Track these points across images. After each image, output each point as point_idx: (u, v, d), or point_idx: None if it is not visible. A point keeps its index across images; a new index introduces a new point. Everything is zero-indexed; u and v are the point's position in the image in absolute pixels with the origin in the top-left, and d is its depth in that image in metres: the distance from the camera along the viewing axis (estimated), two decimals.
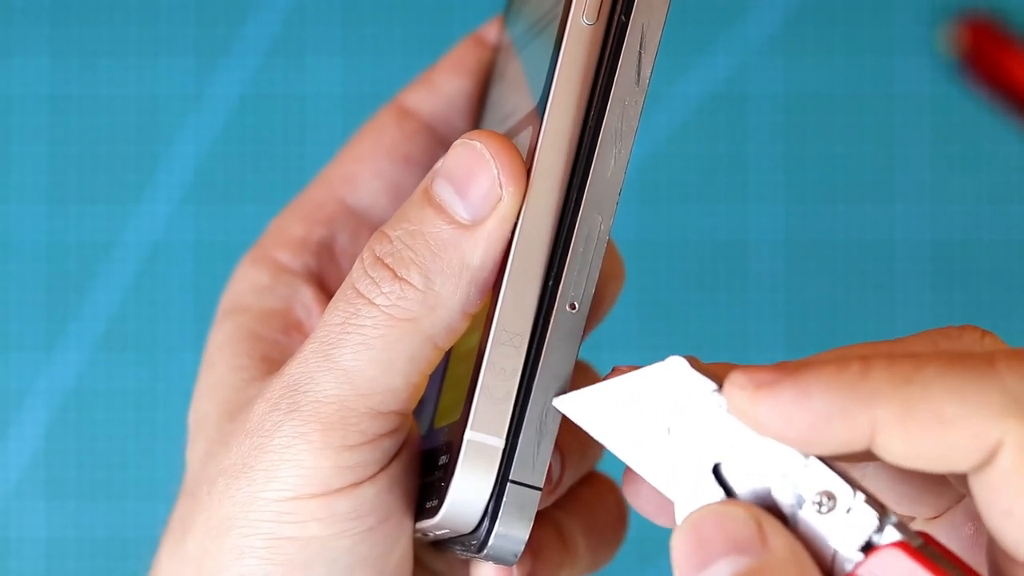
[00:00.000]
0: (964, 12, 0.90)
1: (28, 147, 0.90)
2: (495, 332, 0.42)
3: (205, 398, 0.49)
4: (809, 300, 0.90)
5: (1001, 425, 0.37)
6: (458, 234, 0.43)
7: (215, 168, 0.90)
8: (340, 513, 0.43)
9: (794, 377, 0.38)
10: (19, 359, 0.89)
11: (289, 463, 0.43)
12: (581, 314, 0.43)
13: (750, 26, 0.91)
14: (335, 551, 0.44)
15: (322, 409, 0.43)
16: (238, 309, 0.50)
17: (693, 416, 0.40)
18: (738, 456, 0.40)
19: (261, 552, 0.44)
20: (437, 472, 0.44)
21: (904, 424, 0.38)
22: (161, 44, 0.90)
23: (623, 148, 0.43)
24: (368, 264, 0.44)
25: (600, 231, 0.43)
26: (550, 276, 0.43)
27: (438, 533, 0.44)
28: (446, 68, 0.53)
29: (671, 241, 0.90)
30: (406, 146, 0.52)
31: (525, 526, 0.43)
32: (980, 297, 0.90)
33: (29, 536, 0.88)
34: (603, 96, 0.43)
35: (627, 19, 0.43)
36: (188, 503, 0.46)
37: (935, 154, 0.90)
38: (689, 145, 0.90)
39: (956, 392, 0.38)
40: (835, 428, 0.38)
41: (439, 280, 0.43)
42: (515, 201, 0.43)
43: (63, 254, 0.89)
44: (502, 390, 0.43)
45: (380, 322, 0.43)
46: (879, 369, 0.38)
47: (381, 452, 0.44)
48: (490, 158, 0.43)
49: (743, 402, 0.39)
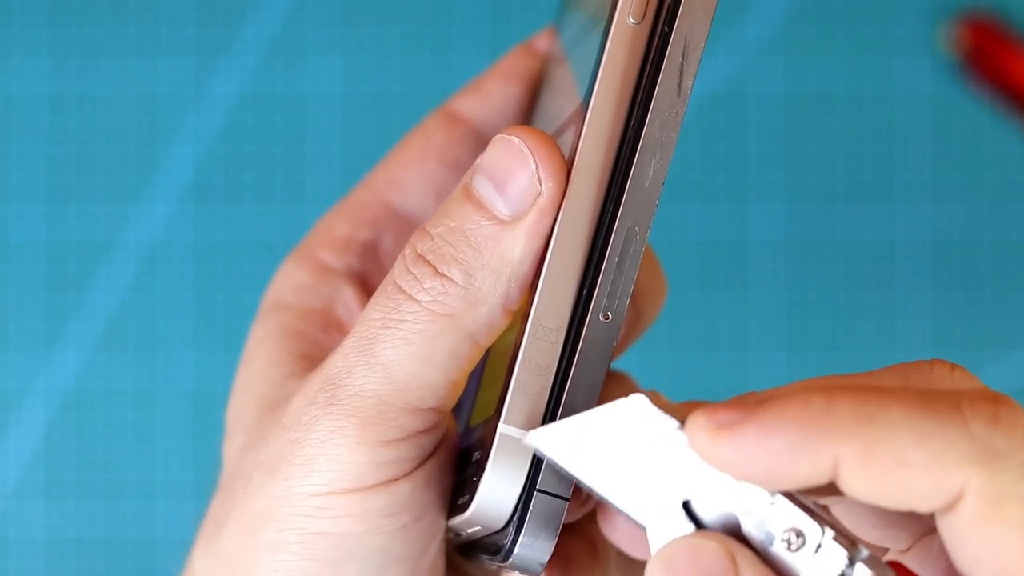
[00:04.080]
0: (965, 12, 0.90)
1: (28, 147, 0.90)
2: (531, 327, 0.42)
3: (243, 393, 0.48)
4: (809, 300, 0.90)
5: (963, 472, 0.37)
6: (498, 230, 0.43)
7: (215, 168, 0.90)
8: (374, 510, 0.43)
9: (756, 416, 0.38)
10: (18, 359, 0.89)
11: (325, 457, 0.43)
12: (615, 325, 0.43)
13: (750, 26, 0.91)
14: (368, 548, 0.44)
15: (360, 404, 0.43)
16: (279, 307, 0.50)
17: (659, 453, 0.40)
18: (705, 493, 0.40)
19: (296, 547, 0.44)
20: (470, 468, 0.44)
21: (865, 463, 0.38)
22: (161, 44, 0.90)
23: (662, 159, 0.43)
24: (410, 260, 0.44)
25: (636, 241, 0.43)
26: (584, 285, 0.43)
27: (469, 531, 0.44)
28: (496, 75, 0.52)
29: (671, 241, 0.89)
30: (454, 151, 0.51)
31: (551, 535, 0.43)
32: (980, 297, 0.90)
33: (29, 536, 0.88)
34: (644, 103, 0.42)
35: (670, 29, 0.42)
36: (224, 498, 0.46)
37: (935, 154, 0.90)
38: (689, 145, 0.90)
39: (919, 435, 0.37)
40: (798, 465, 0.38)
41: (480, 276, 0.43)
42: (554, 196, 0.43)
43: (63, 254, 0.89)
44: (537, 385, 0.42)
45: (420, 318, 0.43)
46: (843, 405, 0.38)
47: (418, 449, 0.44)
48: (528, 153, 0.43)
49: (705, 444, 0.39)
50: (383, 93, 0.90)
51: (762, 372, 0.89)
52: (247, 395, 0.48)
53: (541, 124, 0.49)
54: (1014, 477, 0.37)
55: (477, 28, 0.90)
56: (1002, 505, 0.37)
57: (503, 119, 0.52)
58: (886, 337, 0.89)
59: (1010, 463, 0.37)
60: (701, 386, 0.89)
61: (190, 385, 0.89)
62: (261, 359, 0.49)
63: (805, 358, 0.89)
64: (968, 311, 0.89)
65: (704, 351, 0.89)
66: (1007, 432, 0.38)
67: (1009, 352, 0.90)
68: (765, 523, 0.39)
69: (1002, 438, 0.38)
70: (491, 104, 0.52)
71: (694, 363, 0.89)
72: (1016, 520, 0.37)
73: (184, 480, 0.88)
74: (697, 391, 0.89)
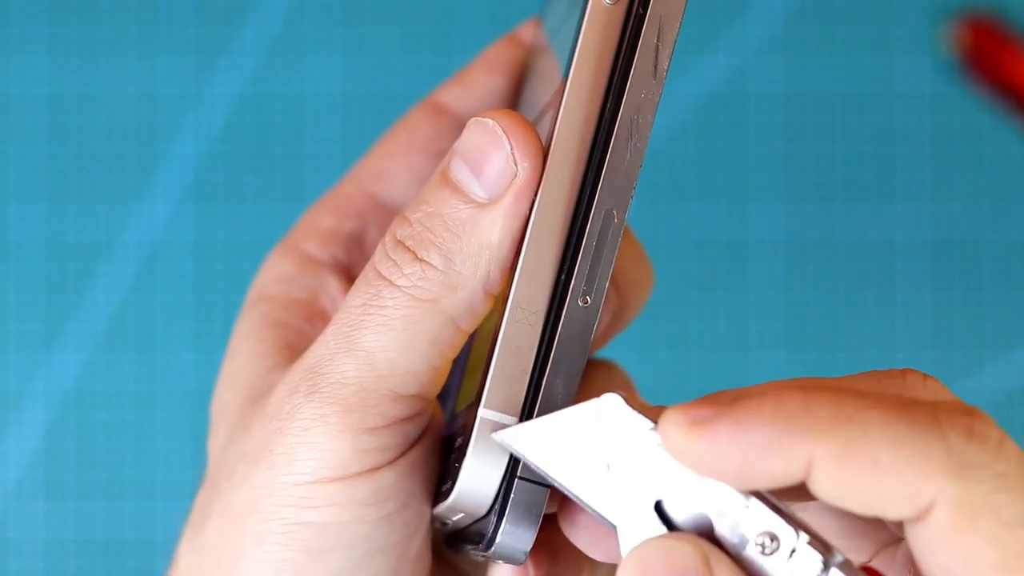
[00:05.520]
0: (965, 12, 0.90)
1: (27, 147, 0.90)
2: (510, 309, 0.42)
3: (227, 387, 0.48)
4: (809, 300, 0.90)
5: (938, 481, 0.37)
6: (475, 213, 0.43)
7: (215, 168, 0.90)
8: (358, 498, 0.43)
9: (731, 412, 0.38)
10: (18, 359, 0.89)
11: (308, 446, 0.43)
12: (593, 309, 0.43)
13: (750, 26, 0.91)
14: (353, 537, 0.43)
15: (341, 391, 0.43)
16: (263, 298, 0.50)
17: (632, 454, 0.40)
18: (678, 494, 0.39)
19: (280, 538, 0.44)
20: (453, 455, 0.44)
21: (840, 464, 0.37)
22: (161, 44, 0.90)
23: (639, 141, 0.42)
24: (389, 247, 0.44)
25: (615, 225, 0.42)
26: (563, 268, 0.43)
27: (454, 519, 0.44)
28: (481, 66, 0.52)
29: (671, 241, 0.89)
30: (439, 142, 0.51)
31: (533, 524, 0.43)
32: (980, 297, 0.90)
33: (28, 537, 0.88)
34: (620, 85, 0.42)
35: (644, 11, 0.42)
36: (208, 491, 0.46)
37: (935, 154, 0.90)
38: (689, 145, 0.90)
39: (896, 441, 0.37)
40: (772, 462, 0.38)
41: (459, 260, 0.43)
42: (531, 177, 0.42)
43: (62, 254, 0.89)
44: (517, 368, 0.42)
45: (401, 303, 0.43)
46: (820, 404, 0.38)
47: (402, 436, 0.44)
48: (502, 134, 0.42)
49: (679, 439, 0.38)
50: (383, 93, 0.90)
51: (762, 372, 0.89)
52: (231, 388, 0.48)
53: (525, 112, 0.49)
54: (988, 489, 0.37)
55: (477, 28, 0.90)
56: (976, 516, 0.37)
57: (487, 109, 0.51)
58: (886, 337, 0.89)
59: (984, 475, 0.37)
60: (701, 386, 0.89)
61: (190, 385, 0.89)
62: (245, 352, 0.49)
63: (805, 358, 0.89)
64: (968, 311, 0.89)
65: (704, 351, 0.89)
66: (981, 445, 0.38)
67: (1009, 352, 0.89)
68: (738, 526, 0.39)
69: (977, 451, 0.38)
70: (475, 95, 0.52)
71: (694, 363, 0.89)
72: (989, 531, 0.37)
73: (184, 480, 0.88)
74: (697, 391, 0.89)
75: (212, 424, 0.49)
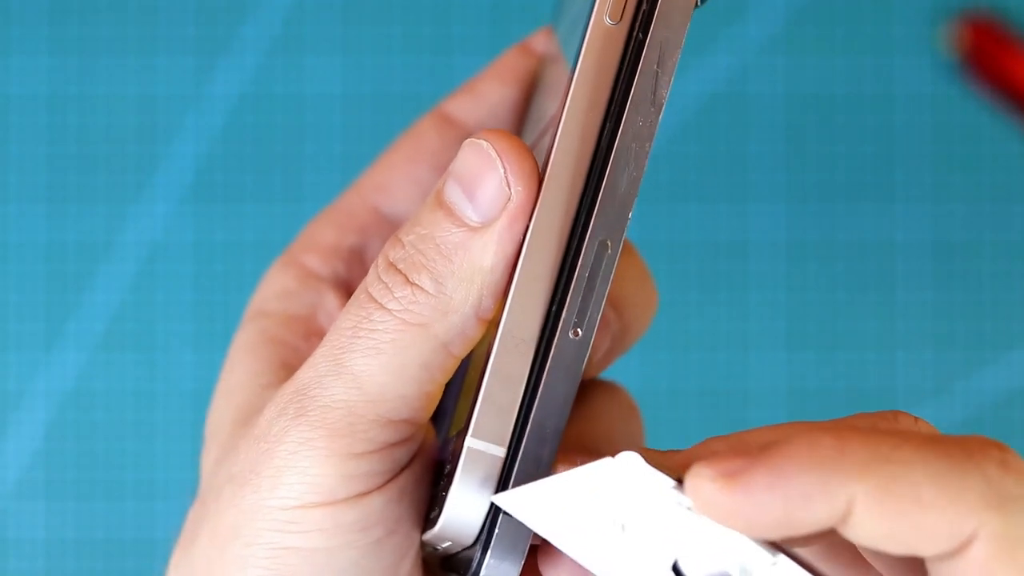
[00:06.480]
0: (965, 12, 0.90)
1: (27, 147, 0.90)
2: (500, 337, 0.41)
3: (221, 403, 0.47)
4: (809, 300, 0.90)
5: (979, 516, 0.37)
6: (468, 237, 0.42)
7: (215, 168, 0.90)
8: (345, 524, 0.42)
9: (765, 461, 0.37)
10: (18, 359, 0.89)
11: (294, 470, 0.42)
12: (584, 341, 0.41)
13: (750, 26, 0.91)
14: (340, 563, 0.43)
15: (329, 415, 0.42)
16: (262, 313, 0.49)
17: (650, 512, 0.38)
18: (698, 553, 0.38)
19: (264, 563, 0.43)
20: (442, 481, 0.43)
21: (881, 503, 0.37)
22: (160, 43, 0.90)
23: (635, 170, 0.41)
24: (381, 269, 0.43)
25: (608, 256, 0.41)
26: (555, 298, 0.41)
27: (443, 547, 0.43)
28: (491, 76, 0.51)
29: (671, 241, 0.89)
30: (445, 154, 0.50)
31: (518, 558, 0.41)
32: (980, 297, 0.90)
33: (28, 537, 0.88)
34: (618, 111, 0.41)
35: (645, 36, 0.41)
36: (198, 510, 0.46)
37: (935, 154, 0.90)
38: (689, 145, 0.90)
39: (936, 475, 0.37)
40: (813, 508, 0.37)
41: (450, 284, 0.42)
42: (525, 201, 0.41)
43: (62, 254, 0.89)
44: (506, 398, 0.41)
45: (391, 327, 0.42)
46: (857, 445, 0.37)
47: (391, 462, 0.43)
48: (496, 157, 0.42)
49: (713, 494, 0.37)
50: (383, 93, 0.90)
51: (762, 372, 0.89)
52: (225, 405, 0.47)
53: (533, 126, 0.49)
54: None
55: (477, 28, 0.90)
56: (1016, 548, 0.37)
57: (497, 121, 0.51)
58: (886, 337, 0.89)
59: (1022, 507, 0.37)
60: (701, 386, 0.89)
61: (190, 385, 0.89)
62: (240, 369, 0.48)
63: (805, 358, 0.89)
64: (968, 311, 0.89)
65: (704, 351, 0.89)
66: (1017, 477, 0.37)
67: (1009, 352, 0.89)
68: None
69: (1014, 483, 0.37)
70: (485, 106, 0.51)
71: (694, 363, 0.89)
72: None
73: (184, 480, 0.88)
74: (697, 391, 0.89)
75: (205, 440, 0.48)
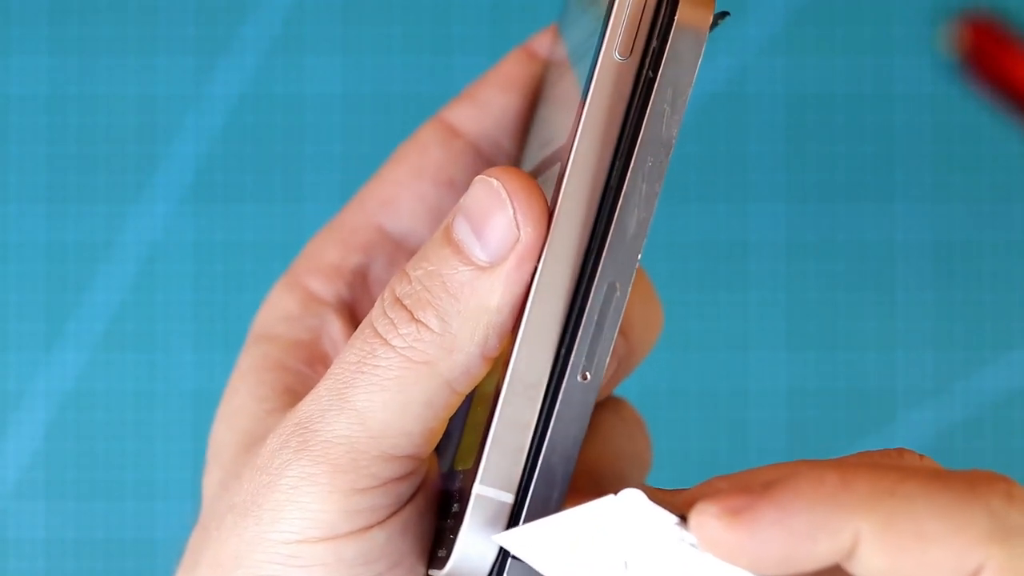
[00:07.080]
0: (965, 12, 0.90)
1: (27, 147, 0.90)
2: (509, 382, 0.41)
3: (224, 425, 0.47)
4: (809, 300, 0.90)
5: (985, 548, 0.37)
6: (475, 276, 0.41)
7: (214, 168, 0.90)
8: (348, 558, 0.42)
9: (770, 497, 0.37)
10: (18, 359, 0.89)
11: (295, 505, 0.42)
12: (593, 385, 0.41)
13: (750, 26, 0.91)
14: None
15: (332, 450, 0.42)
16: (266, 337, 0.48)
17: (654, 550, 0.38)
18: None
19: None
20: (450, 520, 0.43)
21: (885, 538, 0.37)
22: (160, 43, 0.90)
23: (645, 211, 0.41)
24: (387, 303, 0.42)
25: (617, 299, 0.41)
26: (563, 341, 0.41)
27: None
28: (494, 83, 0.50)
29: (671, 241, 0.89)
30: (450, 169, 0.49)
31: None
32: (980, 297, 0.90)
33: (29, 536, 0.88)
34: (627, 152, 0.41)
35: (655, 75, 0.41)
36: (200, 536, 0.45)
37: (935, 154, 0.90)
38: (689, 145, 0.90)
39: (941, 509, 0.37)
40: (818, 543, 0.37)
41: (456, 323, 0.41)
42: (533, 242, 0.41)
43: (62, 254, 0.89)
44: (514, 443, 0.41)
45: (395, 364, 0.42)
46: (861, 480, 0.37)
47: (394, 496, 0.42)
48: (506, 197, 0.41)
49: (718, 532, 0.37)
50: (383, 93, 0.90)
51: (762, 372, 0.89)
52: (228, 428, 0.47)
53: (536, 142, 0.48)
54: None
55: (477, 28, 0.90)
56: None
57: (501, 131, 0.50)
58: (886, 337, 0.89)
59: None
60: (701, 386, 0.89)
61: (190, 385, 0.89)
62: (244, 392, 0.47)
63: (805, 358, 0.89)
64: (968, 311, 0.89)
65: (704, 351, 0.89)
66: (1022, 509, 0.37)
67: (1009, 352, 0.89)
68: None
69: (1019, 515, 0.37)
70: (489, 115, 0.50)
71: (694, 363, 0.89)
72: None
73: (184, 480, 0.88)
74: (697, 391, 0.89)
75: (207, 462, 0.47)
